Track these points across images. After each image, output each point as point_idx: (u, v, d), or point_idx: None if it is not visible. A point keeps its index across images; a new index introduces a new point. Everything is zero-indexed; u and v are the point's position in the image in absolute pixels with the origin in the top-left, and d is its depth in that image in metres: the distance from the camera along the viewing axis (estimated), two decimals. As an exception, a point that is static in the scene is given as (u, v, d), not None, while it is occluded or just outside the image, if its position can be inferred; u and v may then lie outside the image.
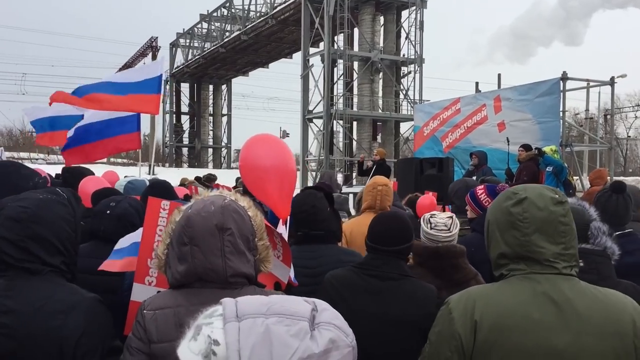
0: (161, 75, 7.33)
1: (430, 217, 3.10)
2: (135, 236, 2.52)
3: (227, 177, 15.31)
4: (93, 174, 5.29)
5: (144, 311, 1.75)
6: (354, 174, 33.55)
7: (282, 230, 2.70)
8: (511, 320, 1.60)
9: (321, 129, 33.94)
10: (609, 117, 45.08)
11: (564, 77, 10.86)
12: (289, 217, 2.78)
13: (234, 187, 9.54)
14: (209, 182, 10.80)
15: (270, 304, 1.06)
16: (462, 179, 5.85)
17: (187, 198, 5.02)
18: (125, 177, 5.57)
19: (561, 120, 10.90)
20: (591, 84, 12.54)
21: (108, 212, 2.99)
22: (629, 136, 51.36)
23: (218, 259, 1.71)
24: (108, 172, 6.56)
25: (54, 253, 1.95)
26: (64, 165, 5.14)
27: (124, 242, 2.56)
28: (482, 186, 4.15)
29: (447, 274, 2.89)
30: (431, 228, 3.02)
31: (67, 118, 8.58)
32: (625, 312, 1.60)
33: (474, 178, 9.47)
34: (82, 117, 8.04)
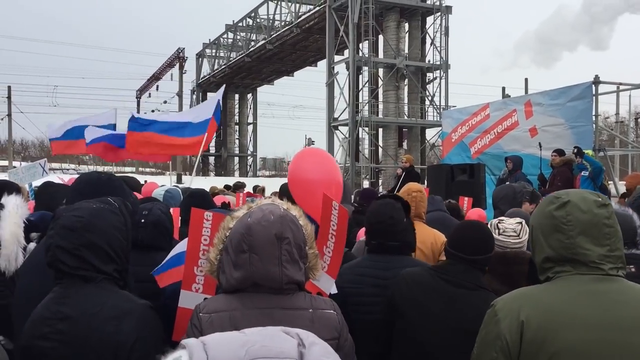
0: (215, 114, 7.58)
1: (499, 222, 3.06)
2: (178, 247, 2.57)
3: (253, 185, 15.40)
4: (138, 182, 5.39)
5: (200, 314, 1.79)
6: (380, 181, 33.47)
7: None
8: (558, 320, 1.60)
9: (347, 136, 33.96)
10: (639, 120, 44.29)
11: (596, 81, 10.69)
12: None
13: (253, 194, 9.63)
14: (237, 189, 10.93)
15: (249, 345, 0.90)
16: (509, 185, 5.78)
17: (224, 206, 5.09)
18: (162, 186, 5.67)
19: (594, 125, 10.73)
20: (624, 87, 12.30)
21: (143, 220, 3.03)
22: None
23: (275, 267, 1.76)
24: (149, 184, 6.67)
25: (107, 261, 2.00)
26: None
27: (170, 256, 2.61)
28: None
29: (514, 281, 2.83)
30: (499, 234, 2.98)
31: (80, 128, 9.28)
32: None
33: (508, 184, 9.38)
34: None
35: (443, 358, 2.50)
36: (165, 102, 53.99)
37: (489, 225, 3.18)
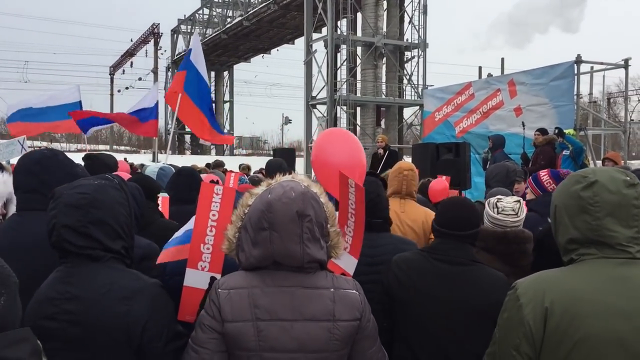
0: (157, 103, 8.43)
1: (497, 201, 3.06)
2: (187, 225, 2.50)
3: (231, 164, 15.27)
4: (116, 160, 5.27)
5: (219, 290, 1.75)
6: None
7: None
8: (584, 306, 1.55)
9: (324, 115, 33.84)
10: (612, 100, 45.05)
11: (578, 61, 10.78)
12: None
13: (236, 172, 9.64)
14: (217, 168, 10.80)
15: None
16: (503, 164, 5.81)
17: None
18: (159, 162, 5.57)
19: (575, 105, 10.83)
20: (605, 66, 12.42)
21: None
22: (632, 119, 51.17)
23: (297, 245, 1.72)
24: (121, 162, 6.55)
25: (114, 237, 1.94)
26: (86, 153, 5.17)
27: (177, 233, 2.53)
28: (546, 170, 4.18)
29: (514, 260, 2.85)
30: (498, 213, 2.98)
31: (41, 110, 9.52)
32: None
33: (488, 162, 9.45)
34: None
35: (451, 338, 2.49)
36: (140, 79, 53.08)
37: (487, 204, 3.18)
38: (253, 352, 1.70)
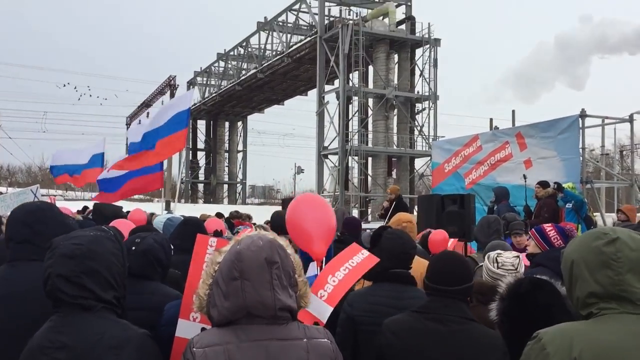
0: (189, 109, 7.96)
1: (497, 256, 3.07)
2: None
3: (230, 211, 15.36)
4: (122, 210, 5.40)
5: (194, 349, 1.75)
6: (369, 210, 33.50)
7: (314, 270, 2.75)
8: (613, 358, 1.58)
9: (336, 165, 34.09)
10: (624, 153, 44.86)
11: (583, 115, 10.87)
12: (324, 259, 2.84)
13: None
14: (234, 218, 10.93)
15: None
16: (485, 217, 5.89)
17: (216, 234, 5.08)
18: (167, 213, 5.68)
19: (581, 157, 10.88)
20: (609, 121, 12.51)
21: (133, 248, 3.03)
22: (646, 172, 50.87)
23: (268, 291, 1.76)
24: (136, 211, 6.69)
25: (106, 288, 2.00)
26: (94, 202, 5.32)
27: None
28: (551, 225, 4.20)
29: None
30: (498, 267, 2.98)
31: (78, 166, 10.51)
32: None
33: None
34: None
35: None
36: (155, 129, 53.92)
37: (486, 258, 3.19)
38: None
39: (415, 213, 10.54)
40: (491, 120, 31.15)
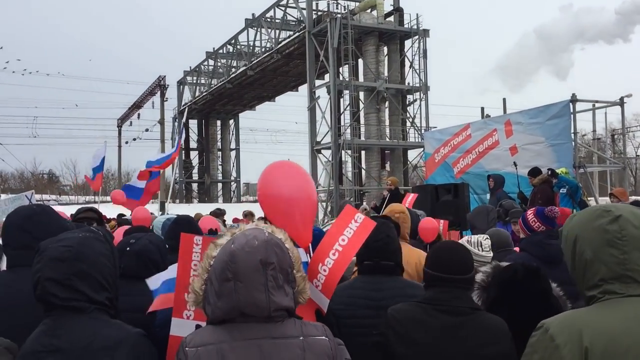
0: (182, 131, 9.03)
1: (483, 239, 3.05)
2: (166, 274, 2.55)
3: (238, 211, 15.34)
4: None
5: (186, 348, 1.73)
6: (364, 203, 33.54)
7: (305, 258, 2.68)
8: (624, 344, 1.53)
9: (330, 159, 34.09)
10: (616, 137, 45.21)
11: (574, 99, 10.92)
12: (310, 245, 2.74)
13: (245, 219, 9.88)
14: (217, 216, 10.89)
15: None
16: (483, 205, 5.91)
17: (211, 232, 5.07)
18: (166, 214, 5.70)
19: (573, 142, 10.93)
20: (599, 105, 12.58)
21: (128, 249, 3.01)
22: (638, 155, 51.29)
23: (262, 294, 1.71)
24: (139, 209, 6.82)
25: (98, 289, 1.99)
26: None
27: (154, 282, 2.58)
28: (533, 209, 4.16)
29: None
30: (482, 250, 2.96)
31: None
32: None
33: (489, 202, 9.50)
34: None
35: None
36: (147, 130, 53.76)
37: (467, 244, 3.18)
38: None
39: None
40: (482, 109, 31.36)
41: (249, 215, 10.72)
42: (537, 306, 2.38)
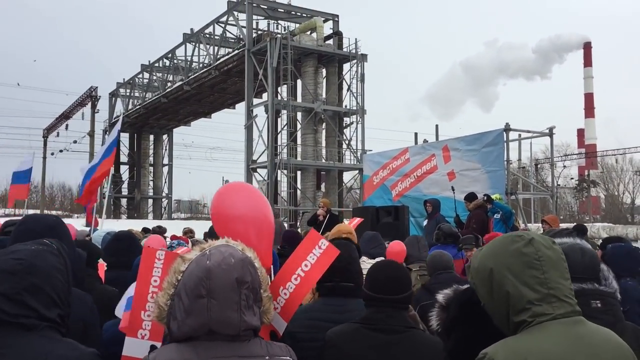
0: (117, 138, 9.48)
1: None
2: (132, 290, 2.43)
3: (171, 228, 14.96)
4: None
5: None
6: (299, 223, 33.54)
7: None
8: None
9: (265, 178, 33.97)
10: (539, 165, 47.56)
11: (507, 129, 11.43)
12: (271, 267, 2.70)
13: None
14: (159, 234, 10.59)
15: None
16: (412, 236, 6.08)
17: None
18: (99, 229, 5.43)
19: (505, 170, 11.40)
20: (532, 134, 13.20)
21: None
22: (559, 184, 54.14)
23: (235, 313, 1.67)
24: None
25: (50, 305, 1.86)
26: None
27: (122, 301, 2.46)
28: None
29: None
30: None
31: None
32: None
33: (426, 225, 9.71)
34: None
35: None
36: (75, 141, 51.79)
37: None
38: None
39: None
40: (416, 134, 32.37)
41: (188, 233, 10.45)
42: (495, 326, 2.42)
